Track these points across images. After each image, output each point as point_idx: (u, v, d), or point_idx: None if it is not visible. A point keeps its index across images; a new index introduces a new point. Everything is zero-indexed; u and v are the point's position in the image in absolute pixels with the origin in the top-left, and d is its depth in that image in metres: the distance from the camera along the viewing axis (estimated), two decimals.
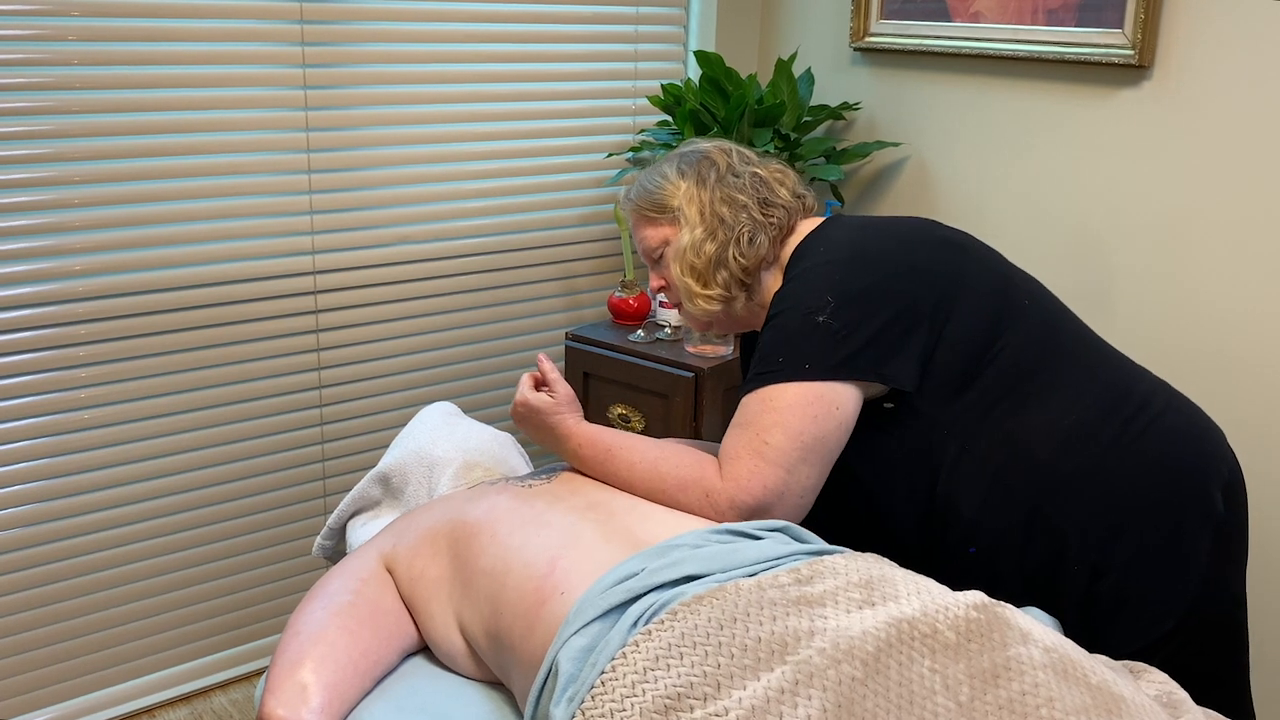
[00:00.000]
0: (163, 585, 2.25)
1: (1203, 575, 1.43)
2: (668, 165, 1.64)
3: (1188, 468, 1.45)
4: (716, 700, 1.03)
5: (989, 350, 1.45)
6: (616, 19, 2.59)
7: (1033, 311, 1.51)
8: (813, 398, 1.39)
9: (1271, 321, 2.00)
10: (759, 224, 1.56)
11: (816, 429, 1.39)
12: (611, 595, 1.18)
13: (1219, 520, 1.45)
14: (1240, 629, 1.52)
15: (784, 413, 1.39)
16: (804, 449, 1.39)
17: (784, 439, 1.39)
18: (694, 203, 1.58)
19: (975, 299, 1.47)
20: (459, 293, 2.50)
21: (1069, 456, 1.42)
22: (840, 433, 1.42)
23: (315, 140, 2.21)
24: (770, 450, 1.39)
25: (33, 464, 2.05)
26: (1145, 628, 1.42)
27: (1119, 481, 1.42)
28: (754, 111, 2.39)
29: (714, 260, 1.56)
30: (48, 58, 1.91)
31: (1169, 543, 1.42)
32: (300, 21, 2.14)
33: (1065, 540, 1.41)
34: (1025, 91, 2.28)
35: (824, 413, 1.39)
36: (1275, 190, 1.96)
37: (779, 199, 1.59)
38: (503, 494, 1.46)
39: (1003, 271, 1.54)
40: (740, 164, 1.62)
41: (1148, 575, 1.42)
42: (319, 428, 2.37)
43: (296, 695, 1.25)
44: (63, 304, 2.01)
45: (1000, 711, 1.06)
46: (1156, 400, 1.50)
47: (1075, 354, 1.50)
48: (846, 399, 1.41)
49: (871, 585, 1.18)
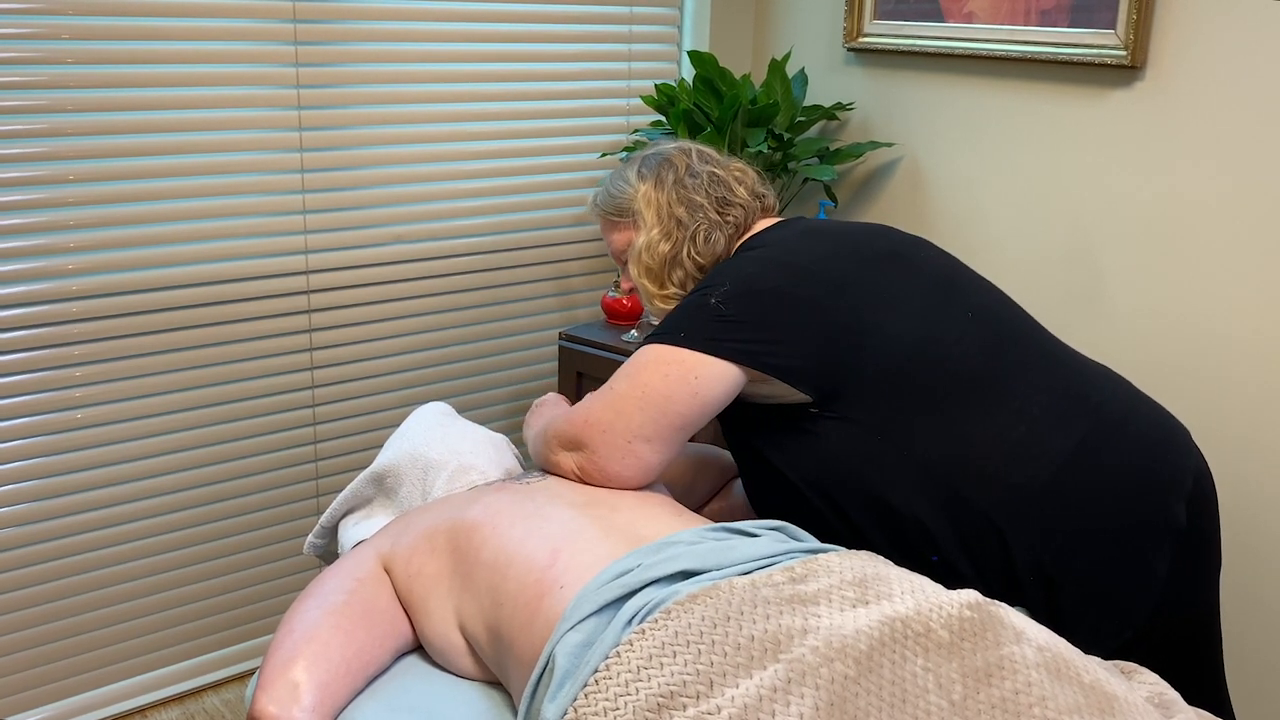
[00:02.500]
0: (155, 585, 2.25)
1: (1163, 590, 1.41)
2: (630, 169, 1.67)
3: (1146, 481, 1.43)
4: (709, 698, 1.03)
5: (924, 359, 1.44)
6: (610, 19, 2.59)
7: (979, 320, 1.49)
8: (673, 360, 1.44)
9: (1262, 321, 2.00)
10: (715, 223, 1.59)
11: (664, 386, 1.43)
12: (607, 591, 1.18)
13: (1180, 533, 1.43)
14: (1213, 637, 1.50)
15: (638, 366, 1.46)
16: (642, 399, 1.44)
17: (626, 387, 1.46)
18: (651, 205, 1.61)
19: (909, 311, 1.47)
20: (452, 292, 2.50)
21: (1019, 468, 1.40)
22: (694, 401, 1.43)
23: (308, 139, 2.21)
24: (609, 394, 1.47)
25: (25, 463, 2.04)
26: (1103, 638, 1.40)
27: (1072, 495, 1.40)
28: (747, 112, 2.39)
29: (668, 260, 1.59)
30: (41, 56, 1.90)
31: (1125, 557, 1.40)
32: (293, 20, 2.13)
33: (1015, 553, 1.39)
34: (1018, 92, 2.29)
35: (677, 375, 1.43)
36: (1266, 190, 1.97)
37: (737, 198, 1.61)
38: (502, 492, 1.46)
39: (947, 281, 1.54)
40: (699, 164, 1.63)
41: (1103, 590, 1.40)
42: (311, 427, 2.37)
43: (288, 693, 1.25)
44: (56, 303, 2.01)
45: (993, 710, 1.06)
46: (1114, 408, 1.47)
47: (1025, 364, 1.47)
48: (709, 374, 1.43)
49: (865, 584, 1.18)
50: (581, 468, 1.48)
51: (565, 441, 1.49)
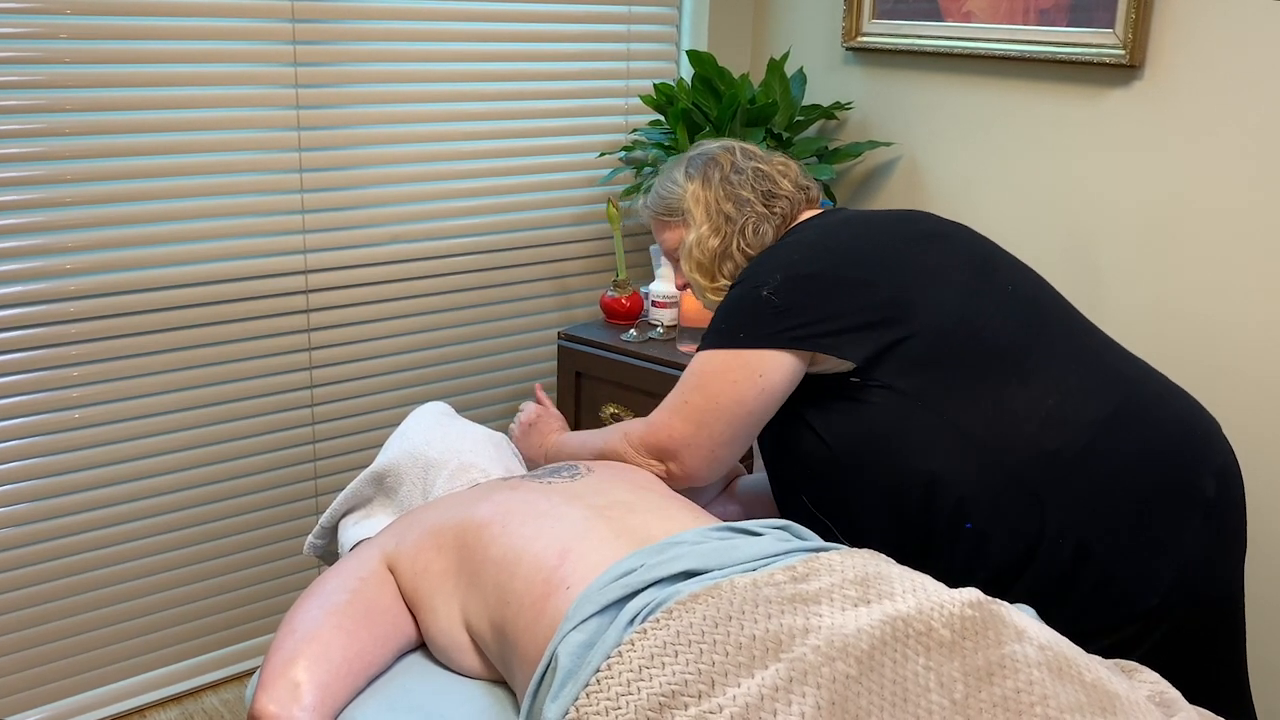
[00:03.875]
0: (154, 585, 2.25)
1: (1190, 557, 1.44)
2: (677, 169, 1.74)
3: (1178, 450, 1.47)
4: (711, 697, 1.03)
5: (964, 332, 1.48)
6: (609, 18, 2.59)
7: (1016, 296, 1.55)
8: (737, 364, 1.51)
9: (1261, 320, 2.00)
10: (762, 216, 1.66)
11: (735, 392, 1.51)
12: (610, 591, 1.18)
13: (1209, 504, 1.46)
14: (1237, 624, 1.52)
15: (708, 377, 1.53)
16: (718, 409, 1.52)
17: (701, 400, 1.53)
18: (700, 203, 1.68)
19: (950, 287, 1.52)
20: (451, 292, 2.50)
21: (1054, 435, 1.44)
22: (762, 398, 1.51)
23: (307, 139, 2.21)
24: (687, 408, 1.55)
25: (23, 463, 2.04)
26: (1127, 605, 1.43)
27: (1106, 461, 1.43)
28: (746, 111, 2.39)
29: (718, 254, 1.66)
30: (39, 56, 1.90)
31: (1156, 524, 1.43)
32: (291, 20, 2.13)
33: (1048, 515, 1.42)
34: (1017, 91, 2.29)
35: (744, 379, 1.50)
36: (1265, 190, 1.97)
37: (782, 190, 1.68)
38: (516, 490, 1.45)
39: (985, 259, 1.60)
40: (743, 160, 1.71)
41: (1132, 555, 1.43)
42: (310, 427, 2.37)
43: (289, 693, 1.24)
44: (53, 303, 2.01)
45: (994, 709, 1.06)
46: (1148, 387, 1.52)
47: (1061, 339, 1.52)
48: (773, 367, 1.50)
49: (867, 583, 1.18)
50: (671, 474, 1.58)
51: (654, 452, 1.59)
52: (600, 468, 1.57)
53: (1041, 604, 1.43)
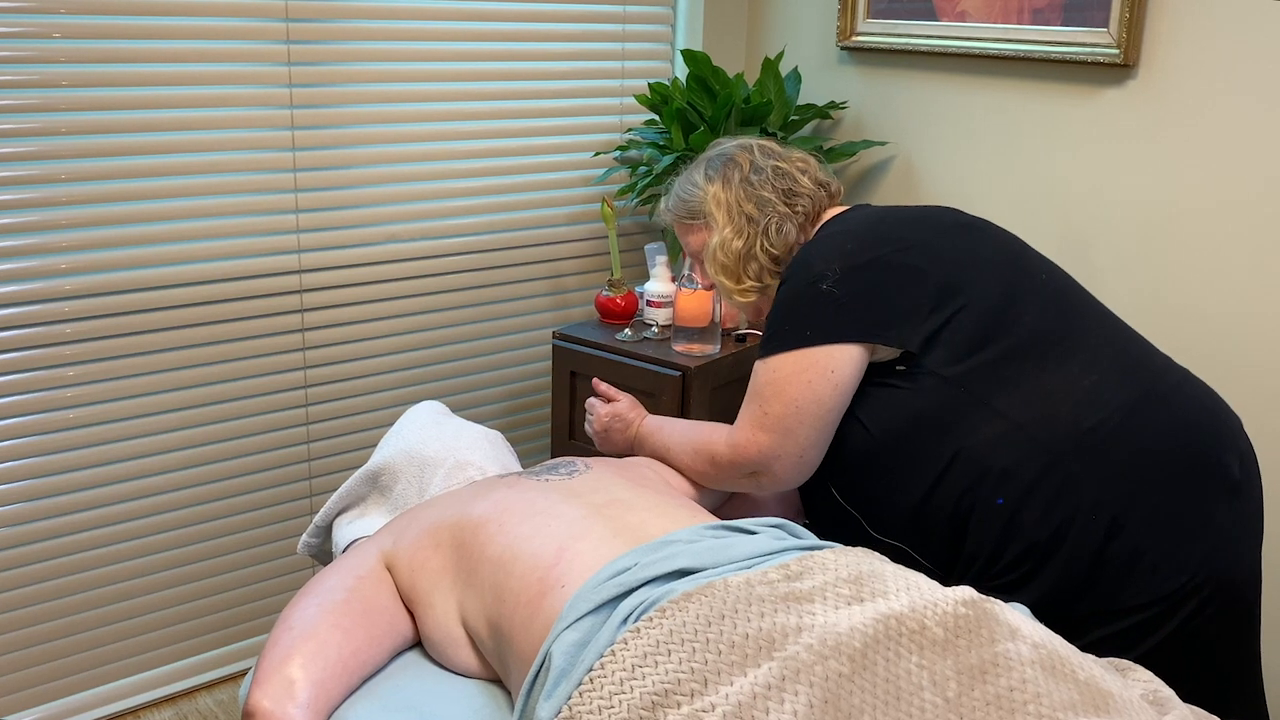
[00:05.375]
0: (148, 585, 2.24)
1: (1218, 537, 1.46)
2: (696, 172, 1.74)
3: (1206, 431, 1.50)
4: (703, 696, 1.03)
5: (1005, 317, 1.51)
6: (603, 18, 2.59)
7: (1049, 285, 1.58)
8: (808, 364, 1.51)
9: (1256, 318, 2.01)
10: (784, 215, 1.66)
11: (811, 393, 1.51)
12: (604, 590, 1.18)
13: (1235, 485, 1.49)
14: (1255, 609, 1.54)
15: (781, 383, 1.52)
16: (799, 413, 1.52)
17: (780, 407, 1.52)
18: (721, 205, 1.68)
19: (990, 273, 1.55)
20: (445, 292, 2.50)
21: (1090, 413, 1.46)
22: (837, 394, 1.52)
23: (301, 139, 2.20)
24: (768, 419, 1.53)
25: (17, 463, 2.04)
26: (1157, 584, 1.44)
27: (1139, 438, 1.46)
28: (741, 110, 2.39)
29: (742, 256, 1.66)
30: (33, 56, 1.90)
31: (1187, 503, 1.45)
32: (285, 19, 2.13)
33: (1083, 491, 1.44)
34: (1011, 90, 2.29)
35: (818, 377, 1.50)
36: (1258, 188, 1.97)
37: (802, 188, 1.68)
38: (514, 488, 1.45)
39: (1018, 250, 1.63)
40: (762, 159, 1.71)
41: (1164, 533, 1.44)
42: (304, 427, 2.37)
43: (283, 689, 1.24)
44: (48, 303, 2.00)
45: (988, 707, 1.06)
46: (1173, 375, 1.56)
47: (1092, 324, 1.56)
48: (843, 361, 1.50)
49: (860, 581, 1.18)
50: (761, 486, 1.59)
51: (743, 470, 1.58)
52: (599, 464, 1.57)
53: (1071, 582, 1.44)
